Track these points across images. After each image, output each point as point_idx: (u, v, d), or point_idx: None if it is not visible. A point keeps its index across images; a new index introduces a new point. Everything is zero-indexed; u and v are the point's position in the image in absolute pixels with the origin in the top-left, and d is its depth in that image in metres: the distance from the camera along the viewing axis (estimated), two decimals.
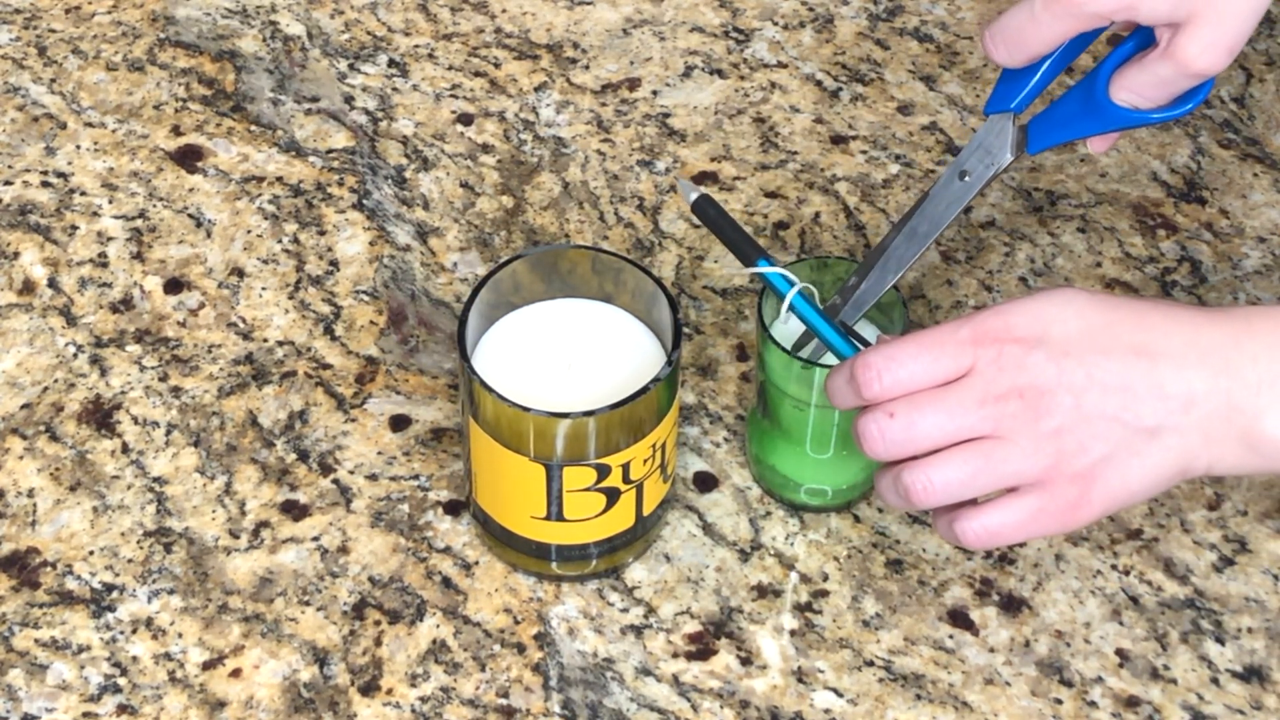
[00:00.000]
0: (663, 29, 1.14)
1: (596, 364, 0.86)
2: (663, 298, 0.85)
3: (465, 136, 1.08)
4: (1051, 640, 0.88)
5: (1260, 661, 0.87)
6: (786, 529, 0.92)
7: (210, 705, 0.85)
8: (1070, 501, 0.78)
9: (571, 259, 0.87)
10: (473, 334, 0.86)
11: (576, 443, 0.82)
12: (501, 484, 0.85)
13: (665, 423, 0.84)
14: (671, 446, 0.87)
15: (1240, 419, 0.77)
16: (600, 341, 0.87)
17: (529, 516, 0.86)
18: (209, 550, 0.91)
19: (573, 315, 0.88)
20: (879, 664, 0.87)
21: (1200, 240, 1.03)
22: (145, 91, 1.11)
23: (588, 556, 0.88)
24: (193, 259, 1.02)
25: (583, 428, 0.82)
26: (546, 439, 0.82)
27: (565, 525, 0.86)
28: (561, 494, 0.84)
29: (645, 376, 0.84)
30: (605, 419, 0.81)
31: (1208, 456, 0.78)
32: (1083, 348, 0.77)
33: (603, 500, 0.85)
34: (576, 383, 0.86)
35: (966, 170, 0.89)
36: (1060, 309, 0.78)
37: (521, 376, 0.85)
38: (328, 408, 0.96)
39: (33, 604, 0.89)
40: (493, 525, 0.88)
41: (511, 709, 0.85)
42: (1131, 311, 0.78)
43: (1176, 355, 0.77)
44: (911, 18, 1.15)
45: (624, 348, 0.87)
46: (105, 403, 0.96)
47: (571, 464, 0.83)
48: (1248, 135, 1.09)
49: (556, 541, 0.87)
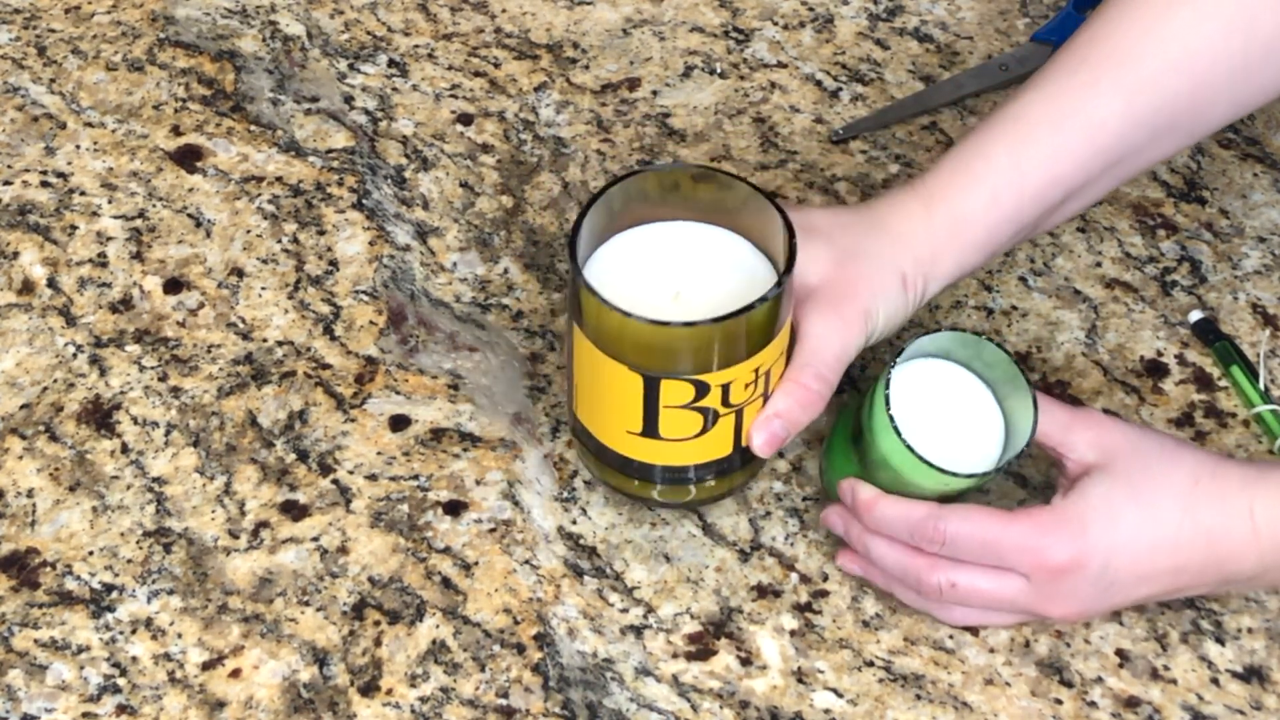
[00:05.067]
0: (662, 29, 1.14)
1: (708, 284, 0.85)
2: (780, 221, 0.83)
3: (465, 136, 1.08)
4: (1051, 640, 0.88)
5: (1260, 661, 0.87)
6: (786, 529, 0.92)
7: (210, 705, 0.85)
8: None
9: (688, 180, 0.86)
10: (585, 249, 0.84)
11: (675, 355, 0.81)
12: (602, 395, 0.85)
13: (772, 347, 0.83)
14: (778, 375, 0.85)
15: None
16: (713, 263, 0.86)
17: (625, 431, 0.85)
18: (209, 550, 0.91)
19: (688, 237, 0.87)
20: (879, 664, 0.87)
21: (1200, 240, 1.03)
22: (145, 91, 1.10)
23: (685, 481, 0.87)
24: (192, 259, 1.02)
25: (682, 338, 0.80)
26: (645, 348, 0.81)
27: (660, 444, 0.85)
28: (658, 408, 0.83)
29: (755, 297, 0.82)
30: (706, 332, 0.80)
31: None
32: (1127, 580, 0.84)
33: (700, 420, 0.84)
34: (687, 300, 0.84)
35: (1006, 65, 1.09)
36: (1112, 533, 0.83)
37: (632, 291, 0.84)
38: (327, 408, 0.96)
39: (32, 604, 0.88)
40: (591, 440, 0.87)
41: (511, 709, 0.85)
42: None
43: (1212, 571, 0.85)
44: (911, 18, 1.15)
45: (738, 271, 0.86)
46: (105, 403, 0.96)
47: (670, 377, 0.82)
48: (1248, 135, 1.09)
49: (652, 460, 0.86)
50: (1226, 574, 0.83)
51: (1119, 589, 0.84)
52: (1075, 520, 0.83)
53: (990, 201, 0.87)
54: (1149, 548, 0.83)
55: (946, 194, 0.88)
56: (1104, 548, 0.82)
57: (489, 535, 0.91)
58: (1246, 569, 0.83)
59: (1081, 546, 0.82)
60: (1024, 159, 0.87)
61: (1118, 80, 0.87)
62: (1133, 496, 0.83)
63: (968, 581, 0.84)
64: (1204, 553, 0.83)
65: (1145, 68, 0.87)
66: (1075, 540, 0.83)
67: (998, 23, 1.15)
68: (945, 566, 0.84)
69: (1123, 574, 0.83)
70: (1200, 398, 0.97)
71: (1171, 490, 0.83)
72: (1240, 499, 0.83)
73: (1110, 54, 0.87)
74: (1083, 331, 0.99)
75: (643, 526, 0.92)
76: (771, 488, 0.93)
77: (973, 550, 0.84)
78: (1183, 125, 0.89)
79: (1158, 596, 0.85)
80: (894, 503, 0.85)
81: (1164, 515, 0.83)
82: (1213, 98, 0.88)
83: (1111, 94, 0.87)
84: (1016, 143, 0.87)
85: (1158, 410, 0.96)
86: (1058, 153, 0.87)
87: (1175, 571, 0.83)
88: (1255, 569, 0.83)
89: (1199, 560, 0.83)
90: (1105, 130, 0.87)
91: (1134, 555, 0.83)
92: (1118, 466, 0.84)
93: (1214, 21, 0.86)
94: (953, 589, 0.85)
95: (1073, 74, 0.87)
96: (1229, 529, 0.82)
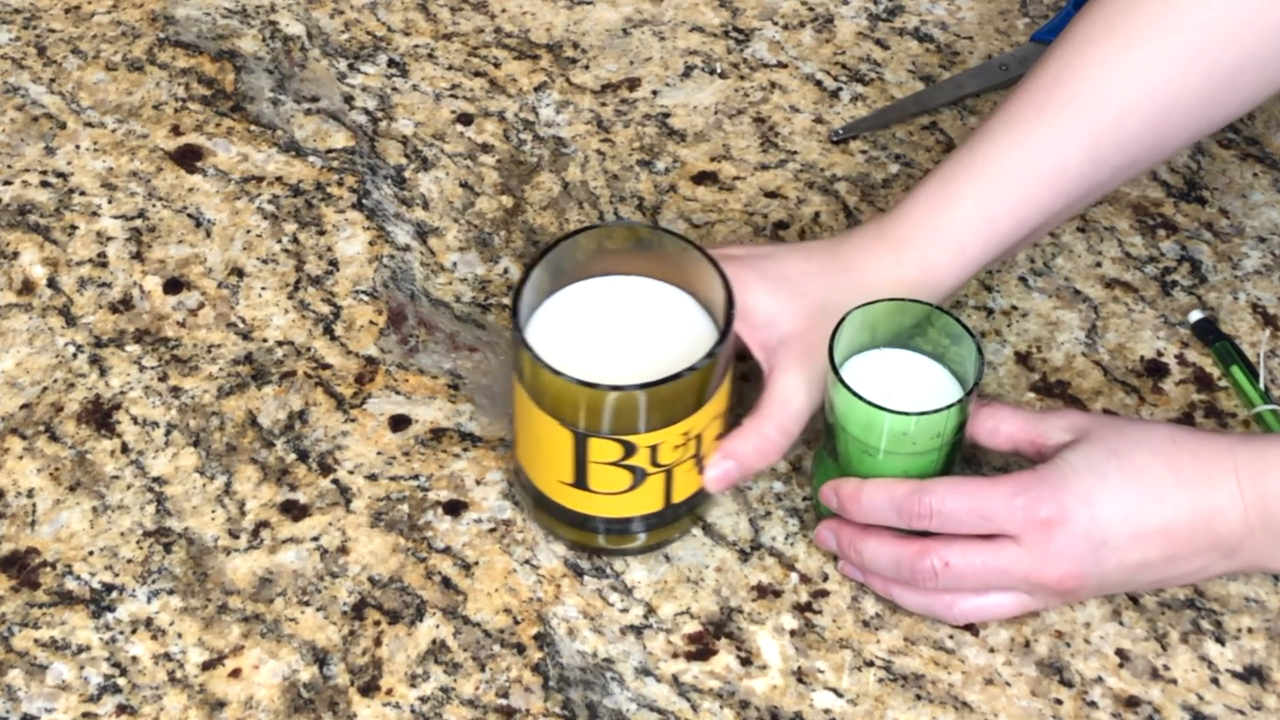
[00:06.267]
0: (662, 29, 1.14)
1: (653, 343, 0.86)
2: (723, 288, 0.85)
3: (465, 136, 1.08)
4: (1051, 640, 0.88)
5: (1260, 661, 0.87)
6: (786, 529, 0.92)
7: (210, 705, 0.85)
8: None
9: (637, 238, 0.88)
10: (535, 298, 0.86)
11: (602, 415, 0.82)
12: (539, 445, 0.86)
13: (703, 412, 0.84)
14: (711, 436, 0.86)
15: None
16: (660, 322, 0.87)
17: (557, 481, 0.86)
18: (209, 550, 0.90)
19: (637, 293, 0.88)
20: (879, 664, 0.87)
21: (1200, 240, 1.03)
22: (145, 91, 1.10)
23: (628, 531, 0.88)
24: (192, 259, 1.02)
25: (609, 400, 0.82)
26: (574, 406, 0.82)
27: (591, 496, 0.86)
28: (586, 464, 0.84)
29: (699, 357, 0.84)
30: (633, 397, 0.81)
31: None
32: (1119, 538, 0.84)
33: (630, 477, 0.85)
34: (630, 359, 0.86)
35: (1006, 64, 1.09)
36: (1099, 487, 0.84)
37: (575, 347, 0.86)
38: (327, 408, 0.96)
39: (32, 604, 0.88)
40: (530, 487, 0.89)
41: (511, 709, 0.85)
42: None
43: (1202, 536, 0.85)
44: (911, 18, 1.15)
45: (685, 330, 0.87)
46: (105, 403, 0.96)
47: (597, 436, 0.83)
48: (1248, 135, 1.09)
49: (585, 511, 0.87)
50: (1216, 536, 0.83)
51: (1112, 550, 0.83)
52: (1058, 475, 0.84)
53: (957, 250, 0.90)
54: (1135, 500, 0.83)
55: (916, 240, 0.90)
56: (1092, 499, 0.83)
57: (489, 535, 0.91)
58: (1235, 529, 0.83)
59: (1067, 498, 0.83)
60: (992, 207, 0.90)
61: (1079, 124, 0.89)
62: (1113, 455, 0.84)
63: (961, 558, 0.84)
64: (1190, 512, 0.83)
65: (1108, 111, 0.88)
66: (1060, 492, 0.83)
67: (998, 23, 1.15)
68: (936, 548, 0.84)
69: (1113, 529, 0.83)
70: (1200, 398, 0.97)
71: (1151, 448, 0.84)
72: (1223, 458, 0.84)
73: (1074, 96, 0.89)
74: (1083, 331, 0.99)
75: None
76: (772, 488, 0.93)
77: (961, 519, 0.84)
78: (1144, 160, 0.91)
79: (1152, 568, 0.85)
80: (877, 486, 0.86)
81: (1147, 470, 0.84)
82: (1174, 133, 0.90)
83: (1075, 140, 0.89)
84: (984, 192, 0.90)
85: (1158, 410, 0.96)
86: (1023, 201, 0.90)
87: (1165, 533, 0.83)
88: (1242, 530, 0.83)
89: (1187, 520, 0.83)
90: (1068, 175, 0.89)
91: (1122, 508, 0.83)
92: (1094, 435, 0.85)
93: (1176, 58, 0.88)
94: (948, 569, 0.84)
95: (1038, 114, 0.89)
96: (1213, 483, 0.83)
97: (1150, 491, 0.83)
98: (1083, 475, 0.83)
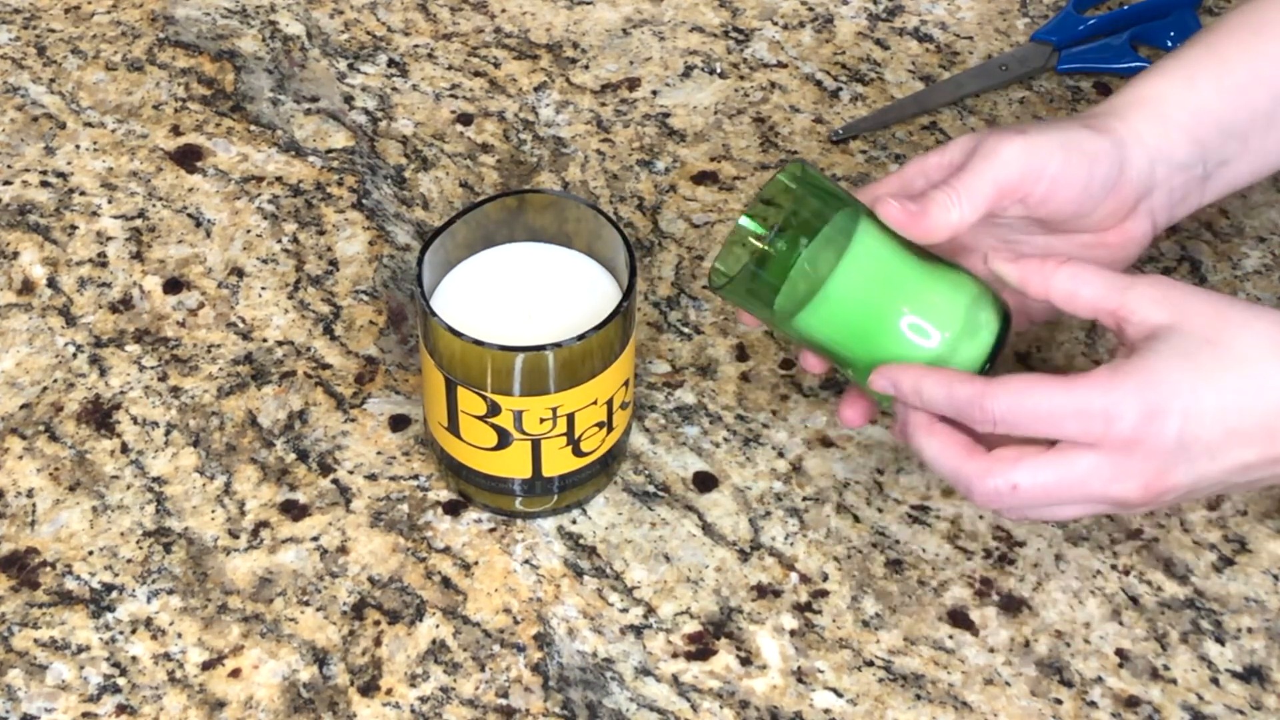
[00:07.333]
0: (662, 29, 1.14)
1: (561, 307, 0.88)
2: (623, 246, 0.86)
3: (465, 136, 1.08)
4: (1051, 640, 0.88)
5: (1260, 661, 0.87)
6: (786, 529, 0.92)
7: (210, 705, 0.85)
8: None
9: (554, 205, 0.89)
10: (440, 266, 0.88)
11: (469, 368, 0.84)
12: (426, 386, 0.88)
13: (574, 393, 0.85)
14: (587, 424, 0.87)
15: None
16: (571, 291, 0.89)
17: (438, 423, 0.88)
18: (208, 550, 0.91)
19: (547, 262, 0.90)
20: (879, 664, 0.87)
21: (1200, 240, 1.03)
22: (145, 91, 1.11)
23: (509, 493, 0.90)
24: (192, 259, 1.02)
25: (472, 354, 0.83)
26: (446, 354, 0.84)
27: (463, 446, 0.87)
28: (457, 412, 0.86)
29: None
30: (495, 356, 0.83)
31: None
32: (1214, 435, 0.76)
33: (495, 436, 0.86)
34: (538, 323, 0.87)
35: (1006, 64, 1.10)
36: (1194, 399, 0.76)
37: (487, 309, 0.87)
38: (327, 408, 0.96)
39: (32, 604, 0.88)
40: (428, 431, 0.91)
41: (511, 709, 0.85)
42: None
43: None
44: (911, 18, 1.15)
45: (592, 294, 0.88)
46: (105, 403, 0.96)
47: (465, 386, 0.85)
48: None
49: (460, 460, 0.88)
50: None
51: (1203, 450, 0.75)
52: (1145, 371, 0.75)
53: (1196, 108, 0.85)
54: (1235, 394, 0.75)
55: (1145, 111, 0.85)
56: (1185, 395, 0.75)
57: (489, 535, 0.91)
58: None
59: (1156, 399, 0.74)
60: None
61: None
62: (1211, 344, 0.75)
63: (1030, 478, 0.77)
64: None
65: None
66: (1148, 391, 0.75)
67: (998, 23, 1.15)
68: (1001, 469, 0.77)
69: (1207, 428, 0.75)
70: None
71: (1256, 338, 0.76)
72: None
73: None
74: (1083, 331, 0.99)
75: (642, 526, 0.92)
76: (771, 488, 0.93)
77: (1030, 426, 0.76)
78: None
79: (1253, 470, 0.77)
80: (937, 382, 0.79)
81: (1250, 360, 0.75)
82: None
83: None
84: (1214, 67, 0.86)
85: None
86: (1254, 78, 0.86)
87: (1269, 431, 0.75)
88: None
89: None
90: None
91: (1219, 402, 0.75)
92: (1188, 317, 0.76)
93: None
94: (1015, 492, 0.77)
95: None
96: None
97: (1251, 384, 0.75)
98: (1176, 369, 0.75)
